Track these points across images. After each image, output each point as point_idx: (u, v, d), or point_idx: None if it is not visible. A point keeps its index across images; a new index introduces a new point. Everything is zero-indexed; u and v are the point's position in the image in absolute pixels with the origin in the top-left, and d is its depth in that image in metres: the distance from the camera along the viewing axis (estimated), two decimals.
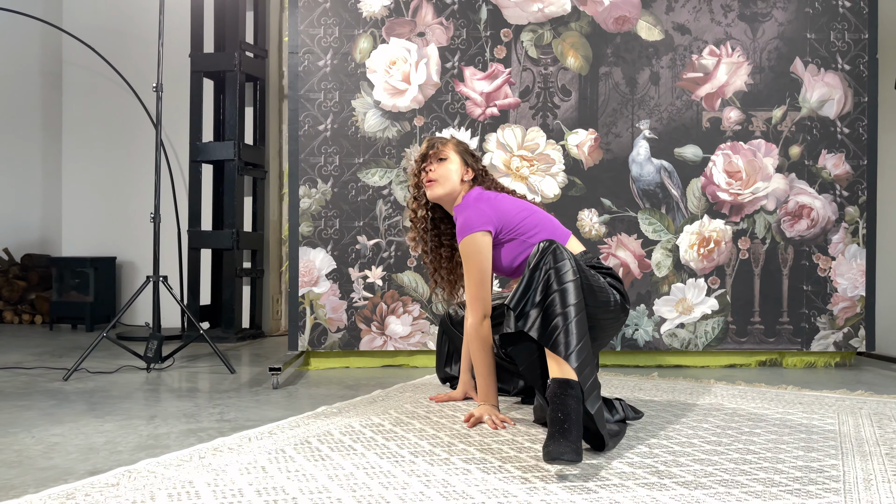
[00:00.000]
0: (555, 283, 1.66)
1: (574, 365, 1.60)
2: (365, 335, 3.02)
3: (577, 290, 1.66)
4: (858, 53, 3.05)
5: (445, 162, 2.16)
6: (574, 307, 1.64)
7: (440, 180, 2.14)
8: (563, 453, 1.47)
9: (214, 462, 1.61)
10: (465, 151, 2.23)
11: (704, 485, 1.46)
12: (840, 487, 1.45)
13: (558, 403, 1.57)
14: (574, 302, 1.65)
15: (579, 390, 1.59)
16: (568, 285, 1.66)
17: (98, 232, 4.86)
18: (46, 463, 1.63)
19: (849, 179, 3.06)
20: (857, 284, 3.06)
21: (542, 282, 1.67)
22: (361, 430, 1.90)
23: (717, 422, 2.04)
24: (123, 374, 2.85)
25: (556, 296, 1.65)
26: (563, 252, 1.70)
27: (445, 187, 2.15)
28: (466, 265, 2.05)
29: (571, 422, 1.54)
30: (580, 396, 1.59)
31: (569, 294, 1.65)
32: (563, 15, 3.04)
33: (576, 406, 1.57)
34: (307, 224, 3.02)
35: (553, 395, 1.59)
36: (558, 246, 1.72)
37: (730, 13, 3.05)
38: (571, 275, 1.67)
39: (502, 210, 2.07)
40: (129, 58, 4.61)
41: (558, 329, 1.62)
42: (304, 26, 3.02)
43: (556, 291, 1.65)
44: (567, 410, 1.56)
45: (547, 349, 1.64)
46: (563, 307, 1.64)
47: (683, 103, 3.06)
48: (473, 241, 2.03)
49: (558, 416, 1.55)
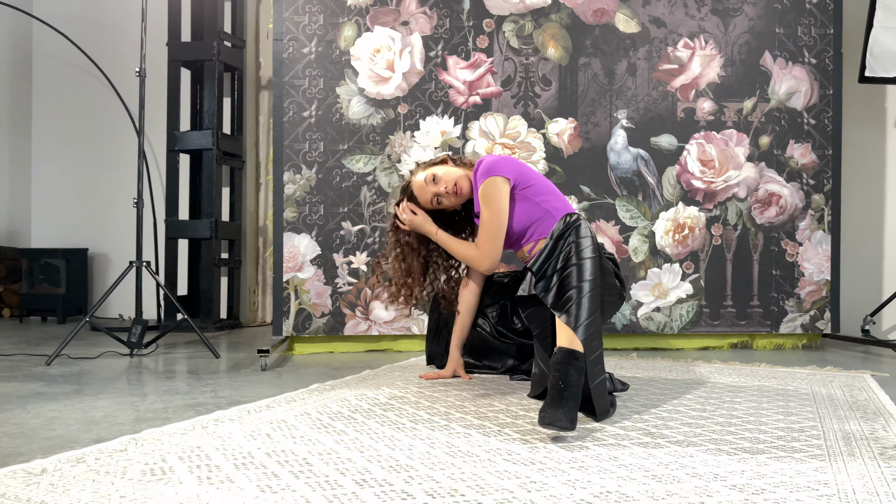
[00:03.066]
0: (574, 256, 1.74)
1: (582, 337, 1.67)
2: (349, 320, 3.05)
3: (594, 267, 1.74)
4: (824, 48, 3.18)
5: (442, 176, 2.21)
6: (589, 283, 1.72)
7: (457, 179, 2.20)
8: (557, 419, 1.53)
9: (218, 430, 1.63)
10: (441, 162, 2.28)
11: (695, 443, 1.54)
12: (822, 444, 1.53)
13: (561, 372, 1.63)
14: (590, 278, 1.72)
15: (583, 362, 1.66)
16: (586, 261, 1.73)
17: (69, 223, 4.79)
18: (49, 433, 1.63)
19: (815, 168, 3.19)
20: (822, 269, 3.19)
21: (563, 252, 1.75)
22: (358, 403, 1.94)
23: (699, 393, 2.12)
24: (106, 359, 2.83)
25: (574, 269, 1.72)
26: (587, 228, 1.79)
27: (463, 178, 2.21)
28: (486, 210, 2.07)
29: (570, 391, 1.60)
30: (583, 368, 1.66)
31: (585, 269, 1.72)
32: (543, 6, 3.11)
33: (577, 377, 1.63)
34: (292, 210, 3.04)
35: (557, 362, 1.66)
36: (584, 222, 1.81)
37: (703, 7, 3.16)
38: (591, 252, 1.75)
39: (519, 165, 2.15)
40: (102, 46, 4.56)
41: (571, 301, 1.70)
42: (289, 13, 3.04)
43: (575, 265, 1.73)
44: (568, 380, 1.62)
45: (558, 318, 1.71)
46: (580, 281, 1.71)
47: (659, 94, 3.16)
48: (495, 183, 2.07)
49: (559, 385, 1.61)
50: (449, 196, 2.21)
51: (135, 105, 4.31)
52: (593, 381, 1.69)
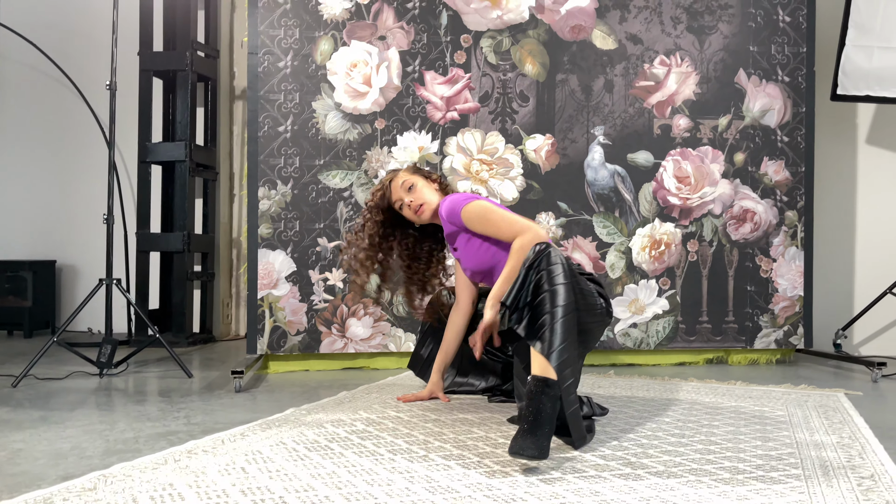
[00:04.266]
0: (546, 283, 1.71)
1: (555, 364, 1.65)
2: (325, 338, 3.01)
3: (567, 292, 1.71)
4: (797, 66, 3.22)
5: (415, 187, 2.24)
6: (562, 308, 1.69)
7: (425, 203, 2.22)
8: (525, 448, 1.52)
9: (191, 464, 1.59)
10: (418, 170, 2.32)
11: (675, 474, 1.53)
12: (800, 473, 1.54)
13: (532, 401, 1.62)
14: (563, 303, 1.69)
15: (557, 389, 1.64)
16: (559, 287, 1.71)
17: (36, 234, 4.67)
18: (14, 469, 1.58)
19: (788, 185, 3.23)
20: (796, 285, 3.22)
21: (534, 282, 1.72)
22: (335, 431, 1.91)
23: (677, 415, 2.12)
24: (74, 379, 2.76)
25: (547, 295, 1.70)
26: (557, 255, 1.76)
27: (432, 206, 2.23)
28: (485, 223, 2.07)
29: (541, 420, 1.58)
30: (557, 395, 1.64)
31: (558, 295, 1.70)
32: (521, 22, 3.10)
33: (550, 405, 1.62)
34: (266, 226, 2.99)
35: (529, 391, 1.64)
36: (553, 249, 1.78)
37: (679, 25, 3.18)
38: (563, 277, 1.72)
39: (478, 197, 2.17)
40: (70, 53, 4.46)
41: (545, 327, 1.68)
42: (264, 27, 3.00)
43: (547, 291, 1.70)
44: (539, 409, 1.61)
45: (531, 346, 1.69)
46: (553, 306, 1.69)
47: (636, 111, 3.17)
48: (472, 205, 2.09)
49: (530, 413, 1.60)
50: (409, 210, 2.24)
51: (104, 114, 4.23)
52: (569, 409, 1.68)
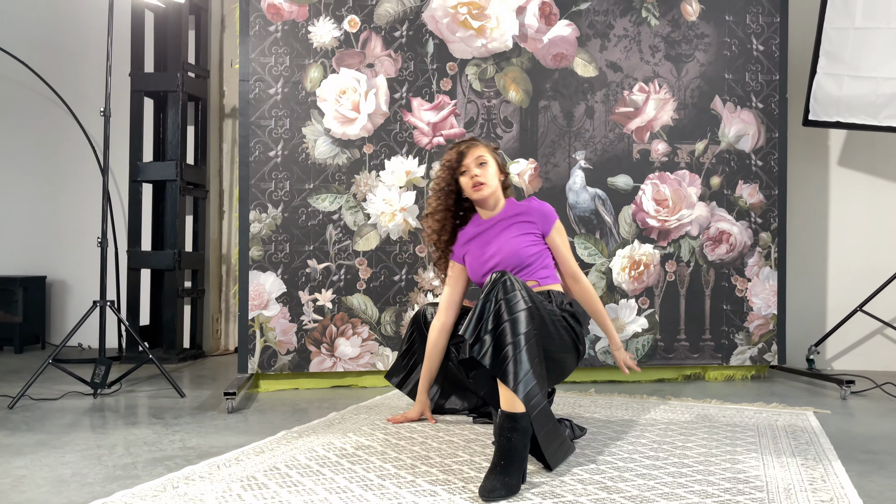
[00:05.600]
0: (506, 312, 1.76)
1: (521, 395, 1.72)
2: (315, 357, 3.09)
3: (528, 319, 1.77)
4: (770, 93, 3.35)
5: (486, 165, 2.30)
6: (524, 336, 1.76)
7: (486, 185, 2.29)
8: (494, 489, 1.60)
9: (190, 491, 1.67)
10: (496, 153, 2.40)
11: (648, 498, 1.63)
12: (765, 497, 1.64)
13: (502, 439, 1.70)
14: (524, 331, 1.76)
15: (526, 421, 1.72)
16: (519, 314, 1.77)
17: (26, 250, 4.71)
18: (20, 497, 1.65)
19: (762, 207, 3.35)
20: (769, 304, 3.34)
21: (493, 312, 1.77)
22: (326, 455, 1.99)
23: (653, 436, 2.23)
24: (69, 399, 2.82)
25: (507, 325, 1.75)
26: (514, 283, 1.82)
27: (490, 189, 2.30)
28: (564, 240, 2.33)
29: (512, 458, 1.66)
30: (526, 428, 1.71)
31: (519, 323, 1.76)
32: (505, 51, 3.21)
33: (519, 440, 1.69)
34: (257, 248, 3.07)
35: (498, 427, 1.72)
36: (509, 276, 1.83)
37: (657, 53, 3.30)
38: (522, 304, 1.79)
39: None
40: (60, 71, 4.51)
41: (508, 359, 1.73)
42: (256, 55, 3.08)
43: (507, 321, 1.76)
44: (510, 447, 1.68)
45: (498, 380, 1.77)
46: (514, 336, 1.75)
47: (616, 136, 3.28)
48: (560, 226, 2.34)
49: (499, 452, 1.68)
50: (468, 181, 2.29)
51: (94, 131, 4.28)
52: (540, 432, 1.76)
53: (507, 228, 2.29)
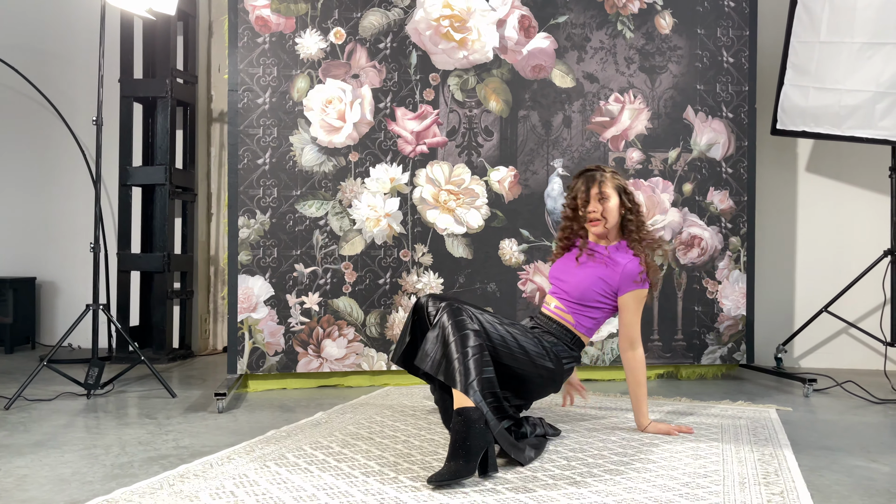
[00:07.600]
0: (452, 333, 1.99)
1: (472, 396, 1.91)
2: (302, 358, 3.20)
3: (475, 336, 1.99)
4: (740, 103, 3.49)
5: (607, 201, 2.37)
6: (472, 349, 1.97)
7: (601, 222, 2.37)
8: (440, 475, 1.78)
9: (185, 488, 1.78)
10: (625, 191, 2.41)
11: (614, 492, 1.76)
12: (721, 490, 1.78)
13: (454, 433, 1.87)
14: (473, 345, 1.98)
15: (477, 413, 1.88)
16: (467, 332, 1.99)
17: (16, 251, 4.78)
18: (24, 495, 1.75)
19: (732, 213, 3.49)
20: (739, 305, 3.49)
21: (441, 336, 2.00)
22: (313, 453, 2.11)
23: (623, 434, 2.36)
24: (63, 400, 2.91)
25: (456, 342, 1.97)
26: (458, 307, 2.04)
27: (604, 227, 2.38)
28: (637, 305, 2.34)
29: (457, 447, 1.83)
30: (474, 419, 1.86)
31: (468, 339, 1.98)
32: (485, 62, 3.33)
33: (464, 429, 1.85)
34: (246, 253, 3.17)
35: (453, 425, 1.89)
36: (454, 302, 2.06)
37: (632, 65, 3.43)
38: (469, 324, 2.01)
39: None
40: (49, 75, 4.58)
41: (456, 370, 1.94)
42: (244, 65, 3.18)
43: (455, 340, 1.98)
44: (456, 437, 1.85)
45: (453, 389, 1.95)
46: (463, 348, 1.96)
47: (592, 144, 3.41)
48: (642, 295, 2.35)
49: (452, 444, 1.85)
50: (585, 218, 2.39)
51: (83, 134, 4.35)
52: (495, 430, 1.94)
53: (597, 266, 2.37)
